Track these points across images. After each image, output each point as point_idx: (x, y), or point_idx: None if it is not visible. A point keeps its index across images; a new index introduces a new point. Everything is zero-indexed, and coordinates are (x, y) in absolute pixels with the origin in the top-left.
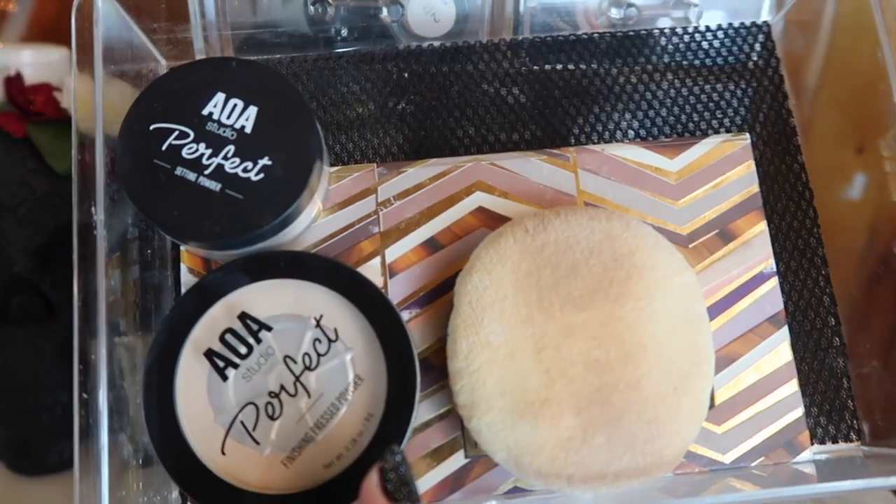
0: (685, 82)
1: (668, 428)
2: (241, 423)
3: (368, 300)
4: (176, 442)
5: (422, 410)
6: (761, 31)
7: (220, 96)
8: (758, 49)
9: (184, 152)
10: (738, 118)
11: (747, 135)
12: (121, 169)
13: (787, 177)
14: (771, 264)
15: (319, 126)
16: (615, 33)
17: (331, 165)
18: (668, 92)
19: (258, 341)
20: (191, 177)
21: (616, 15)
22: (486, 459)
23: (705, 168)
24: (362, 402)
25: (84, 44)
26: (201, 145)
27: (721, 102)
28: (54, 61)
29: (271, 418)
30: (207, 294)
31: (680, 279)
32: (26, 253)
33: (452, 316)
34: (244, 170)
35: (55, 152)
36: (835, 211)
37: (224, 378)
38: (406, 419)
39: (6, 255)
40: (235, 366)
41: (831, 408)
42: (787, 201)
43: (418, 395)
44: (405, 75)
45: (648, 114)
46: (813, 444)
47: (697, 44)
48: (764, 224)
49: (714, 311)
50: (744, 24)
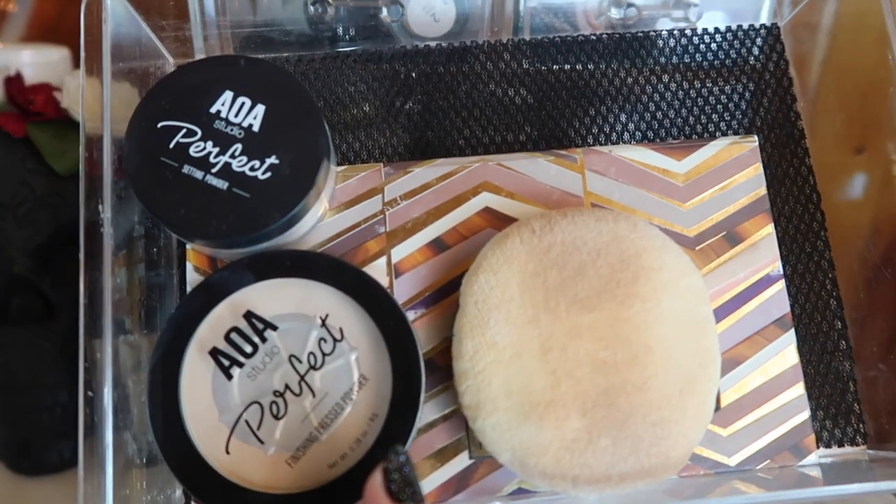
0: (692, 84)
1: (674, 430)
2: (246, 422)
3: (374, 300)
4: (180, 441)
5: (426, 411)
6: (770, 32)
7: (227, 94)
8: (766, 51)
9: (191, 150)
10: (746, 120)
11: (755, 137)
12: (128, 167)
13: (795, 179)
14: (778, 267)
15: (327, 125)
16: (623, 35)
17: (337, 165)
18: (676, 94)
19: (263, 340)
20: (198, 175)
21: (616, 15)
22: (490, 460)
23: (713, 170)
24: (367, 402)
25: (93, 41)
26: (209, 143)
27: (729, 104)
28: (54, 61)
29: (276, 418)
30: (213, 293)
31: (687, 281)
32: (26, 253)
33: (458, 316)
34: (251, 168)
35: (55, 152)
36: (841, 213)
37: (229, 377)
38: (411, 419)
39: (6, 255)
40: (240, 365)
41: (837, 411)
42: (795, 204)
43: (423, 395)
44: (412, 75)
45: (656, 115)
46: (819, 448)
47: (706, 45)
48: (771, 227)
49: (721, 314)
50: (752, 27)
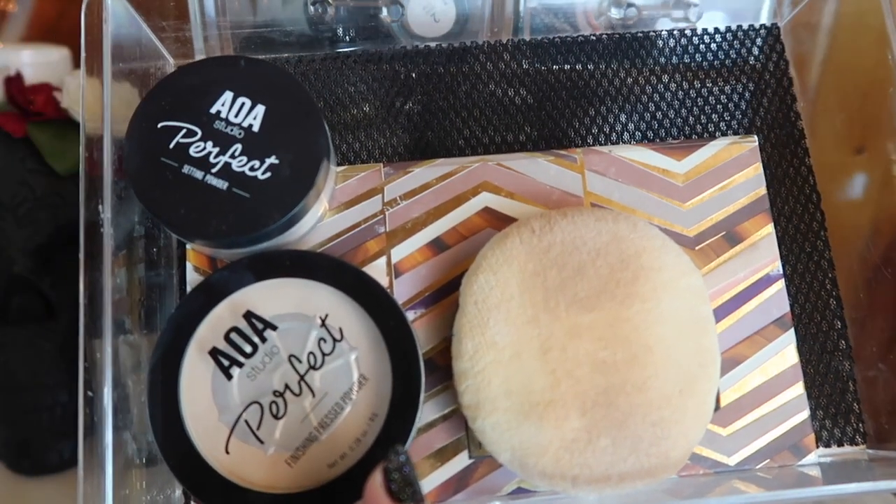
0: (692, 84)
1: (674, 430)
2: (246, 422)
3: (374, 300)
4: (180, 441)
5: (426, 410)
6: (770, 33)
7: (228, 95)
8: (766, 51)
9: (191, 150)
10: (746, 120)
11: (755, 137)
12: (128, 167)
13: (795, 179)
14: (777, 267)
15: (326, 125)
16: (623, 35)
17: (337, 165)
18: (676, 94)
19: (263, 340)
20: (198, 175)
21: (616, 15)
22: (490, 460)
23: (713, 170)
24: (367, 402)
25: (93, 41)
26: (209, 143)
27: (728, 104)
28: (54, 61)
29: (275, 417)
30: (213, 293)
31: (686, 281)
32: (26, 253)
33: (458, 316)
34: (251, 168)
35: (55, 152)
36: (841, 213)
37: (229, 377)
38: (410, 419)
39: (6, 255)
40: (240, 365)
41: (837, 411)
42: (795, 204)
43: (423, 395)
44: (412, 75)
45: (655, 115)
46: (818, 447)
47: (706, 45)
48: (771, 227)
49: (720, 314)
50: (752, 27)
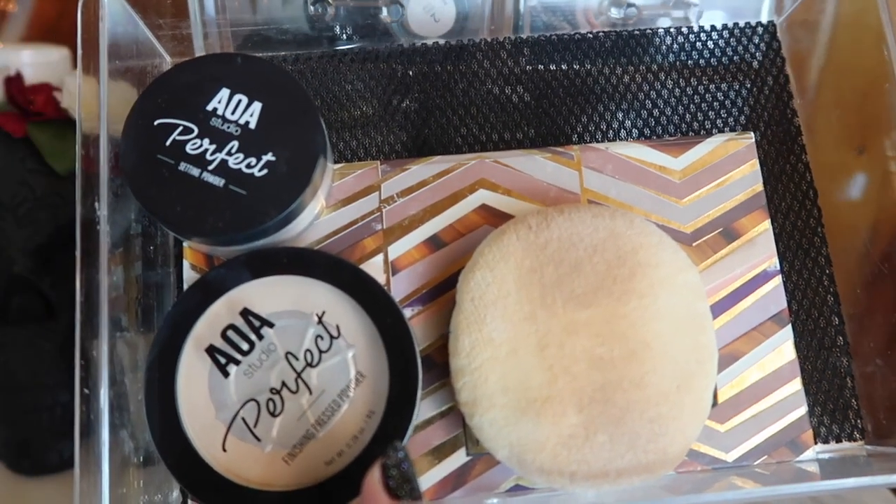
0: (689, 82)
1: (671, 426)
2: (243, 419)
3: (371, 297)
4: (177, 439)
5: (423, 408)
6: (767, 30)
7: (224, 92)
8: (763, 48)
9: (188, 148)
10: (743, 117)
11: (752, 133)
12: (124, 164)
13: (792, 176)
14: (774, 263)
15: (323, 122)
16: (620, 33)
17: (334, 162)
18: (673, 91)
19: (260, 338)
20: (194, 172)
21: (616, 15)
22: (487, 457)
23: (709, 167)
24: (364, 400)
25: (90, 39)
26: (205, 141)
27: (725, 102)
28: (54, 61)
29: (273, 415)
30: (210, 290)
31: (683, 277)
32: (26, 253)
33: (455, 313)
34: (248, 165)
35: (55, 152)
36: (838, 210)
37: (226, 374)
38: (408, 416)
39: (6, 255)
40: (237, 362)
41: (835, 407)
42: (791, 200)
43: (420, 392)
44: (409, 73)
45: (653, 113)
46: (816, 443)
47: (703, 43)
48: (768, 223)
49: (717, 310)
50: (749, 24)
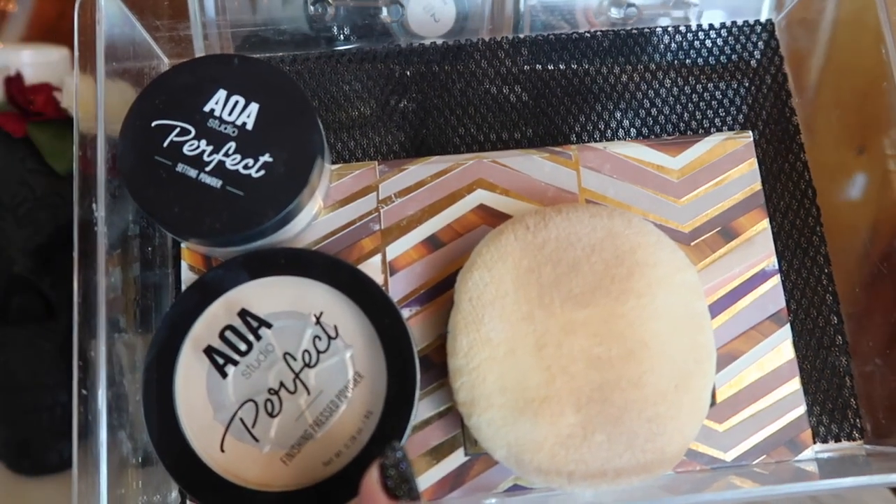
0: (687, 81)
1: (669, 426)
2: (241, 420)
3: (369, 297)
4: (175, 439)
5: (421, 408)
6: (765, 29)
7: (221, 93)
8: (760, 47)
9: (185, 149)
10: (741, 116)
11: (750, 133)
12: (122, 165)
13: (790, 175)
14: (773, 262)
15: (321, 123)
16: (618, 32)
17: (332, 163)
18: (671, 90)
19: (258, 338)
20: (192, 173)
21: (616, 15)
22: (486, 457)
23: (707, 166)
24: (362, 400)
25: (87, 41)
26: (202, 142)
27: (724, 101)
28: (54, 61)
29: (271, 415)
30: (208, 291)
31: (682, 277)
32: (26, 253)
33: (453, 313)
34: (245, 166)
35: (55, 152)
36: (837, 209)
37: (224, 375)
38: (406, 417)
39: (6, 255)
40: (235, 363)
41: (833, 406)
42: (790, 199)
43: (418, 392)
44: (407, 73)
45: (651, 112)
46: (815, 443)
47: (700, 42)
48: (766, 222)
49: (716, 309)
50: (747, 23)
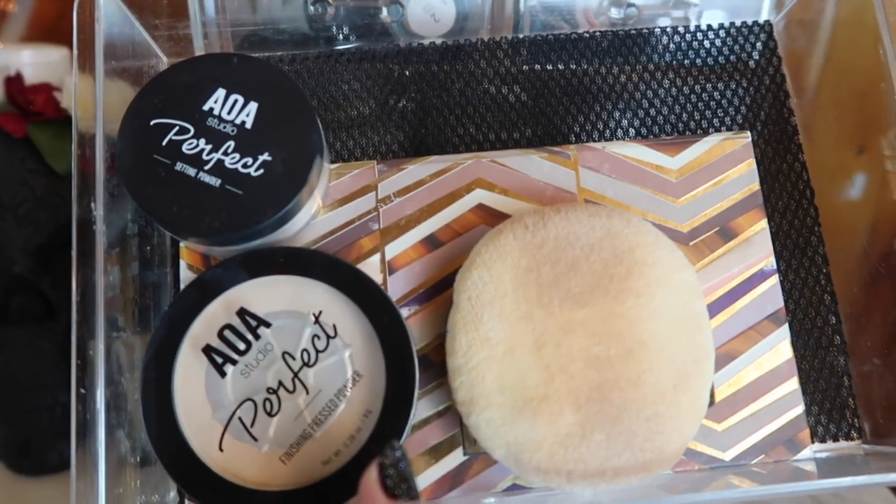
0: (686, 81)
1: (668, 425)
2: (239, 419)
3: (368, 297)
4: (174, 438)
5: (420, 407)
6: (763, 30)
7: (220, 92)
8: (759, 48)
9: (184, 148)
10: (739, 117)
11: (748, 133)
12: (121, 164)
13: (788, 175)
14: (771, 262)
15: (320, 122)
16: (616, 32)
17: (331, 162)
18: (669, 91)
19: (257, 337)
20: (191, 172)
21: (616, 15)
22: (484, 456)
23: (706, 166)
24: (361, 399)
25: (85, 40)
26: (201, 141)
27: (722, 101)
28: (54, 61)
29: (269, 415)
30: (206, 290)
31: (680, 276)
32: (26, 253)
33: (452, 312)
34: (244, 165)
35: (55, 152)
36: (836, 209)
37: (222, 374)
38: (405, 416)
39: (6, 255)
40: (234, 362)
41: (832, 406)
42: (788, 199)
43: (417, 391)
44: (406, 73)
45: (649, 112)
46: (813, 443)
47: (699, 42)
48: (764, 222)
49: (714, 309)
50: (745, 24)
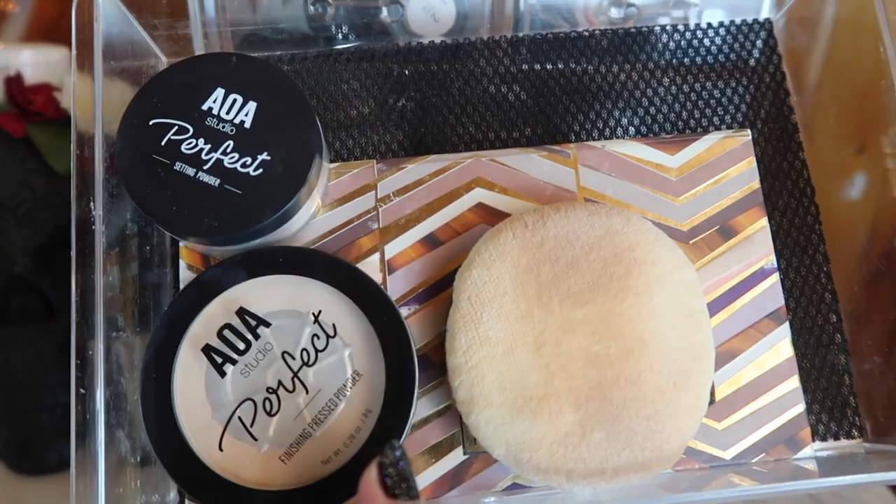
0: (686, 79)
1: (668, 424)
2: (239, 419)
3: (367, 296)
4: (173, 438)
5: (420, 406)
6: (763, 28)
7: (219, 91)
8: (759, 46)
9: (183, 147)
10: (740, 115)
11: (748, 131)
12: (120, 164)
13: (789, 173)
14: (772, 260)
15: (319, 122)
16: (616, 31)
17: (330, 162)
18: (669, 89)
19: (256, 337)
20: (190, 172)
21: (616, 14)
22: (484, 455)
23: (706, 164)
24: (360, 399)
25: (84, 40)
26: (200, 140)
27: (722, 99)
28: (54, 61)
29: (269, 414)
30: (206, 290)
31: (680, 275)
32: (26, 253)
33: (451, 312)
34: (243, 165)
35: (55, 152)
36: (836, 208)
37: (222, 374)
38: (404, 415)
39: (6, 255)
40: (233, 362)
41: (833, 404)
42: (789, 198)
43: (417, 391)
44: (405, 72)
45: (649, 111)
46: (814, 441)
47: (699, 41)
48: (765, 220)
49: (714, 307)
50: (745, 22)
